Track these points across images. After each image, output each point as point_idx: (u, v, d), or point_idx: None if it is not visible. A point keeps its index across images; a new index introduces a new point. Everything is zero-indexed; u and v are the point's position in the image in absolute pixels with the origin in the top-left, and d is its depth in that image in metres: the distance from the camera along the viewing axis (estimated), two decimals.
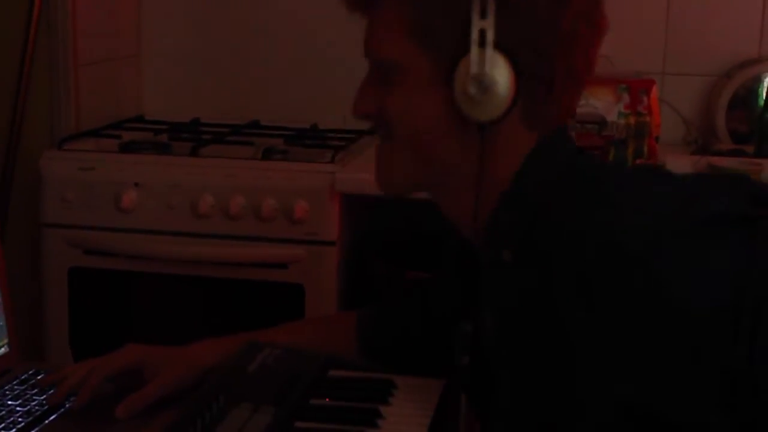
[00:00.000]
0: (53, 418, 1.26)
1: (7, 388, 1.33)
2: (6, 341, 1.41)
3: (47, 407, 1.28)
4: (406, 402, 1.24)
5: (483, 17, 1.03)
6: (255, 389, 1.22)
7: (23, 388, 1.33)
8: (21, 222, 2.37)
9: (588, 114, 2.28)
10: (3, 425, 1.23)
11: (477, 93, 1.03)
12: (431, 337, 1.33)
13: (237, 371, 1.26)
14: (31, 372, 1.38)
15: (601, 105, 2.29)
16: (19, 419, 1.25)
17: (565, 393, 1.03)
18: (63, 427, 1.25)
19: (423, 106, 1.08)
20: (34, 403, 1.29)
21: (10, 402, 1.29)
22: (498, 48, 1.03)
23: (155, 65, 2.80)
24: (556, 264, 1.01)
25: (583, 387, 1.01)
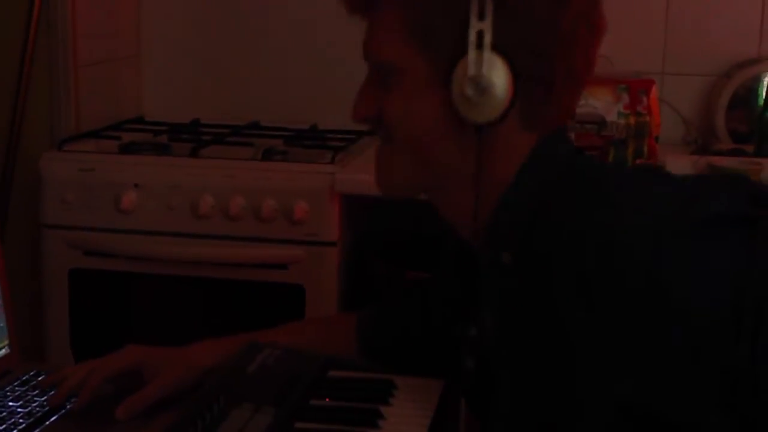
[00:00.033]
0: (54, 419, 1.26)
1: (8, 389, 1.33)
2: (6, 342, 1.41)
3: (48, 408, 1.28)
4: (406, 402, 1.24)
5: (481, 19, 1.03)
6: (255, 390, 1.22)
7: (24, 389, 1.33)
8: (21, 223, 2.37)
9: (587, 114, 2.29)
10: (4, 426, 1.23)
11: (474, 94, 1.04)
12: (431, 337, 1.33)
13: (237, 372, 1.26)
14: (32, 373, 1.38)
15: (601, 105, 2.29)
16: (20, 420, 1.25)
17: (565, 393, 1.03)
18: (63, 428, 1.25)
19: (421, 108, 1.08)
20: (34, 404, 1.29)
21: (11, 403, 1.29)
22: (496, 49, 1.03)
23: (155, 66, 2.80)
24: (555, 265, 1.01)
25: (583, 387, 1.01)
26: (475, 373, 1.17)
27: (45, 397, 1.30)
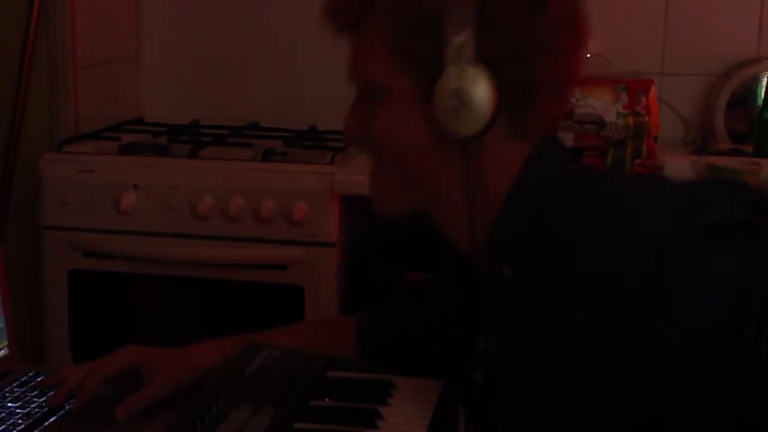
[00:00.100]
0: (53, 420, 1.26)
1: (7, 390, 1.33)
2: (6, 343, 1.41)
3: (47, 409, 1.28)
4: (405, 402, 1.24)
5: (460, 31, 1.03)
6: (254, 390, 1.22)
7: (23, 390, 1.33)
8: (21, 224, 2.38)
9: (586, 114, 2.28)
10: (3, 427, 1.23)
11: (456, 108, 1.04)
12: (431, 339, 1.33)
13: (236, 372, 1.26)
14: (31, 374, 1.38)
15: (600, 105, 2.29)
16: (19, 421, 1.25)
17: (567, 400, 1.02)
18: (62, 429, 1.25)
19: (407, 124, 1.09)
20: (33, 405, 1.29)
21: (10, 404, 1.29)
22: (476, 61, 1.03)
23: (154, 67, 2.80)
24: (556, 275, 1.01)
25: (585, 395, 1.00)
26: (483, 386, 1.17)
27: (44, 398, 1.30)
